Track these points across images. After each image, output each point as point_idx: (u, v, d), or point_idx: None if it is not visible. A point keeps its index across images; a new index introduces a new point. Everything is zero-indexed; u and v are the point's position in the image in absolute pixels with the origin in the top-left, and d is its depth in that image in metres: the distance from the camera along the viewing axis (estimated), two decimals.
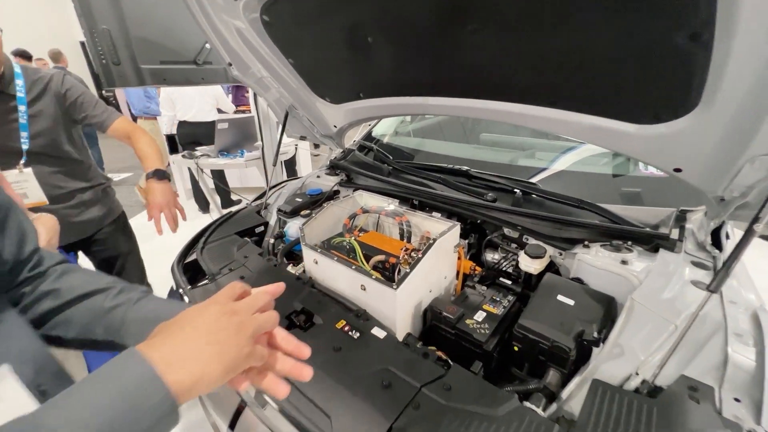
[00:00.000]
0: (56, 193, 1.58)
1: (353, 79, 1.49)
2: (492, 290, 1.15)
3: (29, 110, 1.45)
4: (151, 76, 1.53)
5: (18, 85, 1.42)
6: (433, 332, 1.07)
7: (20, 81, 1.43)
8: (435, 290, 1.17)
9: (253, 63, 1.60)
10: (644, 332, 0.82)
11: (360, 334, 0.94)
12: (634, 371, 0.78)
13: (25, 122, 1.44)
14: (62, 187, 1.60)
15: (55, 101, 1.51)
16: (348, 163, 1.86)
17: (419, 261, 1.03)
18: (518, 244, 1.28)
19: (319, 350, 0.90)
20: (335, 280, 1.17)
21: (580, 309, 0.92)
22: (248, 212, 1.75)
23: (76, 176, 1.65)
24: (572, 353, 0.83)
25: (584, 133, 1.04)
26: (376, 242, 1.24)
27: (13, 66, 1.43)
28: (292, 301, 1.08)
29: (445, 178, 1.48)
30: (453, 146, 2.00)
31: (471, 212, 1.32)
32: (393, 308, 1.00)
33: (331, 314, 1.02)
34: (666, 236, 1.02)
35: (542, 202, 1.27)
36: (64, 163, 1.60)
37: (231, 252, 1.41)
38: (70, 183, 1.63)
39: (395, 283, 0.98)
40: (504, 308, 1.06)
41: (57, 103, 1.51)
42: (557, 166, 1.48)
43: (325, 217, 1.42)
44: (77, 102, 1.55)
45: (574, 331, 0.86)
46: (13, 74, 1.42)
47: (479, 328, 0.97)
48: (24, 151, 1.45)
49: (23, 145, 1.45)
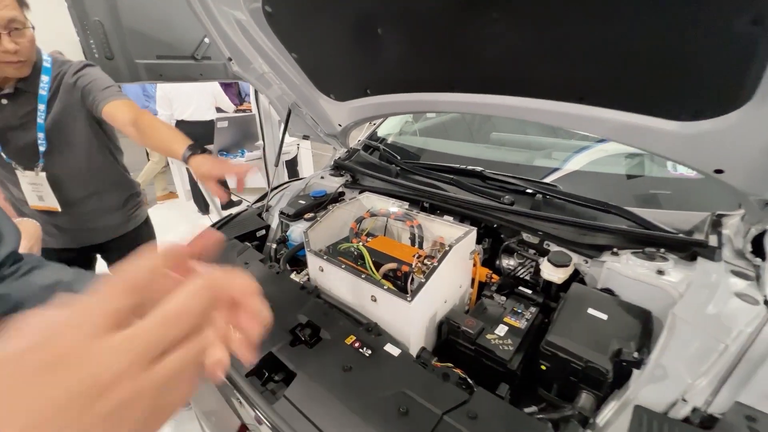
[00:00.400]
0: (74, 196, 1.47)
1: (360, 75, 1.40)
2: (512, 301, 1.07)
3: (48, 108, 1.34)
4: (146, 72, 1.45)
5: (43, 81, 1.33)
6: (448, 347, 0.99)
7: (47, 77, 1.33)
8: (450, 301, 1.08)
9: (255, 58, 1.52)
10: (690, 352, 0.74)
11: (372, 351, 0.86)
12: (680, 396, 0.70)
13: (42, 122, 1.34)
14: (82, 190, 1.49)
15: (68, 95, 1.38)
16: (353, 164, 1.78)
17: (435, 269, 0.95)
18: (537, 251, 1.19)
19: (328, 370, 0.82)
20: (342, 289, 1.08)
21: (614, 324, 0.83)
22: (249, 215, 1.67)
23: (99, 180, 1.53)
24: (609, 375, 0.74)
25: (614, 131, 0.96)
26: (385, 248, 1.16)
27: (43, 61, 1.34)
28: (297, 313, 1.00)
29: (457, 179, 1.39)
30: (462, 146, 1.92)
31: (487, 216, 1.23)
32: (407, 322, 0.92)
33: (340, 328, 0.93)
34: (704, 243, 0.93)
35: (563, 205, 1.19)
36: (85, 165, 1.48)
37: (230, 258, 1.32)
38: (91, 186, 1.52)
39: (409, 295, 0.90)
40: (527, 321, 0.98)
41: (70, 96, 1.38)
42: (573, 167, 1.40)
43: (331, 220, 1.34)
44: (86, 90, 1.38)
45: (610, 349, 0.77)
46: (40, 70, 1.32)
47: (502, 344, 0.89)
48: (41, 153, 1.36)
49: (40, 147, 1.36)
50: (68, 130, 1.39)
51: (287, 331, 0.94)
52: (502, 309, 1.03)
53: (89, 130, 1.44)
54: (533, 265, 1.21)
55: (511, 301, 1.07)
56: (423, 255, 1.09)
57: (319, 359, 0.85)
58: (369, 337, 0.91)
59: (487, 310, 1.03)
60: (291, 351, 0.89)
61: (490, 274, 1.20)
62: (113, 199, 1.60)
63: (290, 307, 1.04)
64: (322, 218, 1.30)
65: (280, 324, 0.97)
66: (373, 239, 1.25)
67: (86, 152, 1.45)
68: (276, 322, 1.00)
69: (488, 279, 1.20)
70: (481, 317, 0.99)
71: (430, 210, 1.39)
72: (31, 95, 1.31)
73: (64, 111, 1.37)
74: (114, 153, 1.59)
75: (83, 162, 1.45)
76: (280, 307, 1.04)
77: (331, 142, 1.92)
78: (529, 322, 0.97)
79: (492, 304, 1.06)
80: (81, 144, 1.42)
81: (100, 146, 1.49)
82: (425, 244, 1.25)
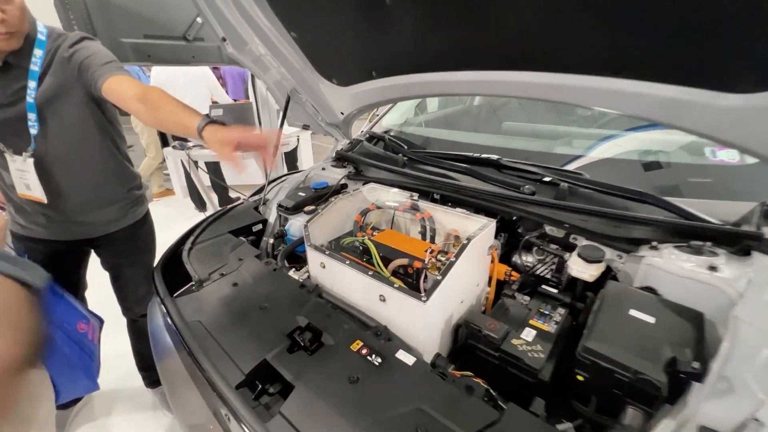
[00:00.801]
0: (66, 185, 1.33)
1: (365, 55, 1.29)
2: (536, 301, 0.96)
3: (41, 86, 1.20)
4: (133, 52, 1.34)
5: (36, 56, 1.18)
6: (466, 353, 0.88)
7: (40, 51, 1.19)
8: (467, 301, 0.97)
9: (251, 38, 1.41)
10: (760, 362, 0.62)
11: (382, 359, 0.75)
12: (750, 416, 0.59)
13: (33, 101, 1.19)
14: (75, 180, 1.35)
15: (62, 70, 1.22)
16: (356, 155, 1.66)
17: (452, 265, 0.84)
18: (561, 245, 1.08)
19: (331, 381, 0.71)
20: (347, 288, 0.97)
21: (663, 329, 0.72)
22: (245, 208, 1.56)
23: (95, 168, 1.38)
24: (664, 390, 0.63)
25: (655, 108, 0.84)
26: (394, 242, 1.05)
27: (38, 33, 1.19)
28: (295, 315, 0.89)
29: (471, 168, 1.28)
30: (472, 136, 1.80)
31: (505, 207, 1.12)
32: (421, 324, 0.81)
33: (344, 332, 0.82)
34: (758, 236, 0.82)
35: (591, 195, 1.07)
36: (79, 151, 1.32)
37: (223, 253, 1.21)
38: (86, 175, 1.37)
39: (424, 294, 0.79)
40: (556, 324, 0.86)
41: (64, 71, 1.22)
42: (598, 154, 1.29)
43: (333, 213, 1.23)
44: (84, 65, 1.21)
45: (662, 358, 0.66)
46: (34, 43, 1.18)
47: (531, 350, 0.77)
48: (32, 136, 1.22)
49: (31, 129, 1.21)
50: (61, 109, 1.24)
51: (284, 335, 0.83)
52: (526, 310, 0.91)
53: (85, 110, 1.28)
54: (555, 262, 1.10)
55: (536, 301, 0.96)
56: (436, 250, 0.98)
57: (320, 368, 0.74)
58: (378, 343, 0.79)
59: (509, 312, 0.91)
60: (288, 358, 0.77)
61: (509, 272, 1.08)
62: (110, 191, 1.45)
63: (288, 307, 0.92)
64: (323, 211, 1.19)
65: (277, 327, 0.86)
66: (379, 233, 1.14)
67: (81, 135, 1.30)
68: (272, 325, 0.89)
69: (507, 276, 1.09)
70: (503, 319, 0.87)
71: (441, 201, 1.28)
72: (22, 71, 1.18)
73: (57, 87, 1.22)
74: (115, 139, 1.43)
75: (77, 147, 1.31)
76: (276, 308, 0.93)
77: (333, 132, 1.81)
78: (558, 326, 0.86)
79: (514, 304, 0.95)
80: (75, 126, 1.28)
81: (97, 129, 1.34)
82: (437, 238, 1.13)
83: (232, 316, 0.92)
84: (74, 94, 1.23)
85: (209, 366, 0.77)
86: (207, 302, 0.98)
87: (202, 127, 1.01)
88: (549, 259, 1.11)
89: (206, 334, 0.88)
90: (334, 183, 1.54)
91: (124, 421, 1.81)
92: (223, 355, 0.80)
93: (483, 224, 0.99)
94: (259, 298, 0.98)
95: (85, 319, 1.31)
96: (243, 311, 0.93)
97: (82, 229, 1.44)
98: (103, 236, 1.48)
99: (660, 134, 1.29)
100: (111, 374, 1.95)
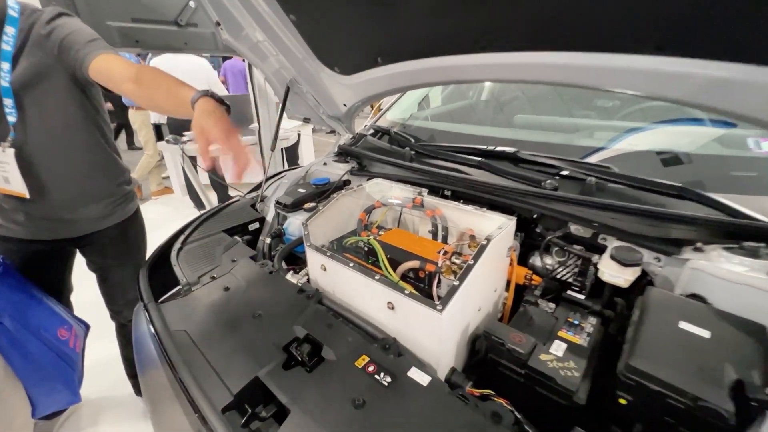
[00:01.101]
0: (49, 178, 1.23)
1: (370, 39, 1.19)
2: (563, 309, 0.85)
3: (15, 68, 1.08)
4: (120, 37, 1.24)
5: (7, 34, 1.07)
6: (485, 367, 0.78)
7: (12, 29, 1.07)
8: (484, 308, 0.87)
9: (248, 22, 1.31)
10: None
11: (392, 378, 0.64)
12: None
13: (8, 85, 1.08)
14: (59, 172, 1.24)
15: (39, 50, 1.10)
16: (360, 149, 1.56)
17: (470, 269, 0.74)
18: (587, 246, 0.97)
19: (333, 404, 0.61)
20: (350, 293, 0.87)
21: (722, 345, 0.61)
22: (241, 206, 1.46)
23: (80, 160, 1.28)
24: (731, 419, 0.53)
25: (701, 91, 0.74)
26: (402, 243, 0.95)
27: (8, 8, 1.07)
28: (292, 324, 0.78)
29: (485, 161, 1.17)
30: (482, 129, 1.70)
31: (525, 204, 1.02)
32: (436, 337, 0.71)
33: (348, 345, 0.72)
34: None
35: (621, 190, 0.97)
36: (63, 140, 1.22)
37: (216, 254, 1.11)
38: (70, 168, 1.26)
39: (439, 302, 0.69)
40: (587, 336, 0.76)
41: (42, 51, 1.10)
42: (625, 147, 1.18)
43: (335, 211, 1.13)
44: (65, 43, 1.09)
45: (725, 381, 0.56)
46: (4, 21, 1.07)
47: (563, 368, 0.67)
48: (11, 124, 1.12)
49: (8, 117, 1.11)
50: (41, 93, 1.13)
51: (279, 348, 0.73)
52: (553, 320, 0.81)
53: (68, 94, 1.18)
54: (578, 264, 1.00)
55: (562, 309, 0.86)
56: (450, 251, 0.88)
57: (320, 388, 0.64)
58: (387, 358, 0.69)
59: (533, 321, 0.81)
60: (284, 376, 0.67)
61: (529, 275, 0.98)
62: (97, 185, 1.35)
63: (285, 315, 0.82)
64: (324, 208, 1.09)
65: (271, 338, 0.76)
66: (386, 232, 1.04)
67: (64, 123, 1.19)
68: (265, 336, 0.79)
69: (527, 281, 0.98)
70: (527, 330, 0.77)
71: (451, 198, 1.17)
72: None
73: (35, 69, 1.11)
74: (102, 128, 1.32)
75: (61, 136, 1.20)
76: (271, 316, 0.83)
77: (335, 125, 1.70)
78: (591, 338, 0.75)
79: (538, 312, 0.85)
80: (57, 112, 1.17)
81: (82, 117, 1.23)
82: (449, 238, 1.03)
83: (221, 325, 0.82)
84: (55, 76, 1.12)
85: (192, 384, 0.67)
86: (194, 309, 0.89)
87: (196, 98, 0.89)
88: (572, 261, 1.01)
89: (191, 345, 0.78)
90: (336, 179, 1.44)
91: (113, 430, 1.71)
92: (210, 371, 0.70)
93: (502, 223, 0.88)
94: (252, 304, 0.88)
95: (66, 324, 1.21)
96: (234, 319, 0.83)
97: (67, 227, 1.34)
98: (89, 235, 1.38)
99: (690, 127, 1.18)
100: (99, 381, 1.86)
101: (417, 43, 1.09)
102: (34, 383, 1.08)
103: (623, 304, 0.89)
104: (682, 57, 0.72)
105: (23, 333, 1.07)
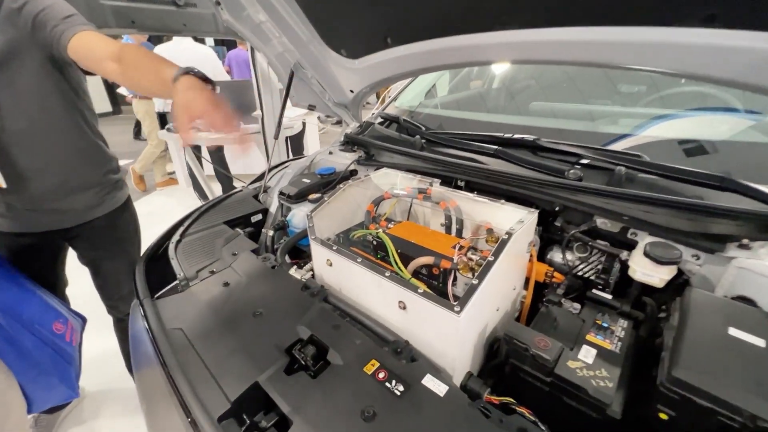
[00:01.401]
0: (27, 166, 1.16)
1: (380, 17, 1.11)
2: (589, 310, 0.79)
3: None
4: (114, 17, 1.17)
5: None
6: (504, 372, 0.71)
7: None
8: (502, 308, 0.80)
9: (249, 1, 1.23)
10: None
11: (404, 387, 0.58)
12: None
13: None
14: (38, 160, 1.18)
15: (11, 27, 1.02)
16: (368, 138, 1.49)
17: (490, 266, 0.67)
18: (613, 241, 0.90)
19: (340, 415, 0.55)
20: (358, 291, 0.81)
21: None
22: (243, 196, 1.40)
23: (61, 147, 1.21)
24: None
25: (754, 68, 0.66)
26: (413, 236, 0.88)
27: None
28: (296, 324, 0.72)
29: (502, 150, 1.10)
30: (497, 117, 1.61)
31: (546, 196, 0.94)
32: (453, 340, 0.64)
33: (356, 349, 0.66)
34: None
35: (653, 181, 0.89)
36: (40, 124, 1.14)
37: (216, 247, 1.06)
38: (51, 155, 1.19)
39: (456, 303, 0.62)
40: (619, 341, 0.69)
41: (14, 28, 1.02)
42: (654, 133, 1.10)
43: (341, 202, 1.06)
44: (39, 20, 1.01)
45: None
46: None
47: (594, 376, 0.61)
48: None
49: None
50: (13, 74, 1.05)
51: (281, 351, 0.67)
52: (579, 322, 0.74)
53: (44, 75, 1.10)
54: (602, 261, 0.92)
55: (588, 309, 0.79)
56: (466, 246, 0.81)
57: (326, 396, 0.58)
58: (399, 364, 0.63)
59: (558, 323, 0.74)
60: (286, 382, 0.61)
61: (551, 272, 0.91)
62: (82, 174, 1.28)
63: (287, 314, 0.76)
64: (330, 199, 1.02)
65: (272, 339, 0.70)
66: (395, 225, 0.97)
67: (40, 106, 1.12)
68: (267, 337, 0.73)
69: (548, 278, 0.91)
70: (551, 334, 0.70)
71: (465, 189, 1.10)
72: None
73: (6, 48, 1.03)
74: (84, 114, 1.25)
75: (38, 122, 1.13)
76: (273, 315, 0.77)
77: (341, 113, 1.63)
78: (623, 343, 0.68)
79: (562, 313, 0.78)
80: (33, 95, 1.10)
81: (61, 101, 1.16)
82: (464, 232, 0.96)
83: (219, 324, 0.76)
84: (28, 55, 1.04)
85: (187, 389, 0.62)
86: (192, 305, 0.83)
87: (177, 76, 0.82)
88: (595, 257, 0.94)
89: (188, 345, 0.72)
90: (342, 168, 1.37)
91: (115, 424, 1.68)
92: (206, 375, 0.65)
93: (523, 216, 0.81)
94: (253, 301, 0.82)
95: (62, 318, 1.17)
96: (233, 318, 0.77)
97: (53, 218, 1.28)
98: (77, 226, 1.33)
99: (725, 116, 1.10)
100: (100, 374, 1.83)
101: (430, 21, 1.01)
102: (30, 379, 1.04)
103: (653, 304, 0.82)
104: (734, 29, 0.64)
105: (16, 327, 1.03)
